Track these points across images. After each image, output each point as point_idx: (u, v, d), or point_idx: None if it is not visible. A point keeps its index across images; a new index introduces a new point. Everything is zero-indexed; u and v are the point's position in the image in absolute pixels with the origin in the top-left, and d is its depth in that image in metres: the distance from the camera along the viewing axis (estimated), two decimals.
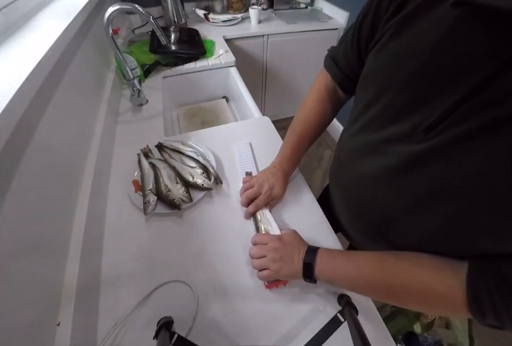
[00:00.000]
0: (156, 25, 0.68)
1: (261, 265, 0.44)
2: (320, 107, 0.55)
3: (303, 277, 0.41)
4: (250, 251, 0.47)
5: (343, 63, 0.47)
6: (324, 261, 0.41)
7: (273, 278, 0.44)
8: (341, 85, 0.51)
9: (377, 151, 0.37)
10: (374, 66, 0.37)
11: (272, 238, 0.46)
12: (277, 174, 0.57)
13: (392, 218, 0.39)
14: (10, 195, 0.34)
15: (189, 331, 0.41)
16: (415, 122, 0.31)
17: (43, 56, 0.41)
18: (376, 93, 0.36)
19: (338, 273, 0.40)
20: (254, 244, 0.48)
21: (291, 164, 0.58)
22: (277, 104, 1.92)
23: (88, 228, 0.47)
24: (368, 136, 0.39)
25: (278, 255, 0.43)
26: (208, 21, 1.45)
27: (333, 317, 0.37)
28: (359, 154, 0.42)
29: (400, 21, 0.31)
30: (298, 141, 0.57)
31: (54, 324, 0.37)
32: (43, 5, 0.63)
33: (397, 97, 0.33)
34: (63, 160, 0.49)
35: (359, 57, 0.43)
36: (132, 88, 0.81)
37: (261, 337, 0.41)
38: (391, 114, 0.34)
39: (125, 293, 0.45)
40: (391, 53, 0.33)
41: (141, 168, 0.62)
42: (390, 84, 0.34)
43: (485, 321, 0.29)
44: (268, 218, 0.52)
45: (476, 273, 0.30)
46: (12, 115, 0.32)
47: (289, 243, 0.45)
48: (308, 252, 0.42)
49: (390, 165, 0.35)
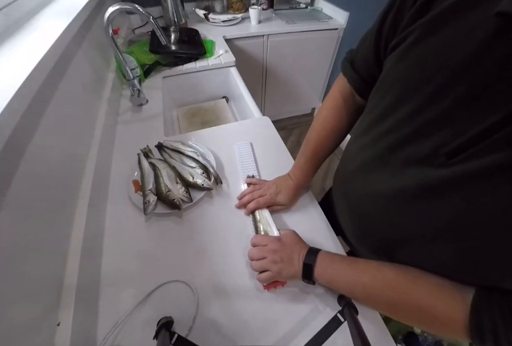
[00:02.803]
0: (155, 25, 0.68)
1: (261, 267, 0.43)
2: (335, 115, 0.52)
3: (302, 278, 0.42)
4: (250, 253, 0.46)
5: (360, 64, 0.43)
6: (324, 264, 0.40)
7: (274, 279, 0.43)
8: (357, 89, 0.46)
9: (393, 169, 0.34)
10: (394, 73, 0.33)
11: (271, 239, 0.46)
12: (288, 182, 0.56)
13: (398, 240, 0.38)
14: (10, 195, 0.34)
15: (189, 331, 0.41)
16: (437, 143, 0.28)
17: (43, 56, 0.41)
18: (394, 103, 0.33)
19: (337, 277, 0.40)
20: (253, 245, 0.48)
21: (304, 174, 0.57)
22: (277, 104, 1.92)
23: (88, 228, 0.47)
24: (382, 151, 0.36)
25: (278, 256, 0.43)
26: (208, 21, 1.45)
27: (333, 317, 0.37)
28: (371, 168, 0.39)
29: (428, 24, 0.28)
30: (312, 151, 0.55)
31: (54, 324, 0.37)
32: (43, 5, 0.63)
33: (418, 111, 0.29)
34: (63, 160, 0.49)
35: (377, 58, 0.38)
36: (132, 88, 0.81)
37: (260, 337, 0.41)
38: (410, 130, 0.31)
39: (125, 293, 0.45)
40: (415, 60, 0.29)
41: (141, 168, 0.62)
42: (411, 95, 0.30)
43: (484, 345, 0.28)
44: (267, 218, 0.52)
45: (483, 298, 0.29)
46: (12, 114, 0.32)
47: (289, 244, 0.45)
48: (309, 253, 0.42)
49: (406, 188, 0.32)
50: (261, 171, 0.65)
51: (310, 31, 1.50)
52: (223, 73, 1.09)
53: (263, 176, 0.64)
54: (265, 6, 1.64)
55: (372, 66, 0.40)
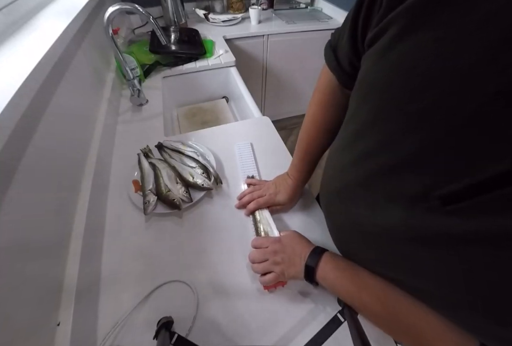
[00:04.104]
0: (155, 25, 0.68)
1: (263, 269, 0.43)
2: (323, 112, 0.48)
3: (305, 279, 0.41)
4: (251, 256, 0.45)
5: (342, 56, 0.37)
6: (327, 268, 0.39)
7: (278, 280, 0.43)
8: (341, 81, 0.41)
9: (374, 203, 0.29)
10: (372, 76, 0.26)
11: (271, 241, 0.46)
12: (287, 181, 0.55)
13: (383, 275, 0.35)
14: (10, 194, 0.34)
15: (189, 331, 0.41)
16: (428, 183, 0.21)
17: (43, 56, 0.41)
18: (372, 118, 0.26)
19: (338, 286, 0.38)
20: (254, 248, 0.47)
21: (300, 173, 0.55)
22: (277, 104, 1.92)
23: (88, 228, 0.47)
24: (362, 179, 0.30)
25: (279, 257, 0.42)
26: (208, 21, 1.45)
27: (333, 317, 0.37)
28: (352, 196, 0.33)
29: (412, 11, 0.19)
30: (305, 150, 0.54)
31: (54, 324, 0.37)
32: (43, 5, 0.64)
33: (403, 135, 0.22)
34: (63, 160, 0.49)
35: (355, 52, 0.33)
36: (132, 88, 0.81)
37: (261, 337, 0.41)
38: (393, 158, 0.24)
39: (125, 293, 0.45)
40: (399, 62, 0.21)
41: (141, 168, 0.62)
42: (391, 112, 0.23)
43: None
44: (268, 219, 0.52)
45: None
46: (12, 114, 0.32)
47: (289, 244, 0.44)
48: (312, 254, 0.40)
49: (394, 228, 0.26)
50: (261, 171, 0.65)
51: (310, 31, 1.50)
52: (223, 73, 1.09)
53: (263, 176, 0.64)
54: (265, 6, 1.64)
55: (352, 59, 0.34)
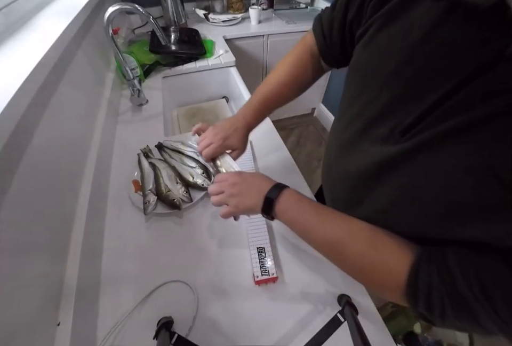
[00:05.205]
0: (155, 25, 0.68)
1: (219, 201, 0.42)
2: (301, 66, 0.52)
3: (261, 212, 0.39)
4: (209, 189, 0.44)
5: (327, 30, 0.44)
6: (289, 202, 0.38)
7: (233, 214, 0.42)
8: (322, 52, 0.47)
9: (362, 151, 0.37)
10: (360, 59, 0.36)
11: (231, 174, 0.44)
12: (237, 125, 0.52)
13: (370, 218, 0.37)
14: (10, 194, 0.34)
15: (189, 331, 0.41)
16: (394, 123, 0.30)
17: (43, 56, 0.41)
18: (359, 88, 0.36)
19: (299, 218, 0.38)
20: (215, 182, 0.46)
21: (255, 116, 0.53)
22: None
23: (88, 228, 0.47)
24: (352, 134, 0.39)
25: (235, 190, 0.41)
26: (208, 21, 1.45)
27: (333, 317, 0.37)
28: (345, 152, 0.42)
29: (388, 13, 0.29)
30: (271, 92, 0.52)
31: (54, 324, 0.37)
32: (43, 5, 0.64)
33: (377, 96, 0.32)
34: (63, 160, 0.49)
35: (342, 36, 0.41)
36: (132, 88, 0.81)
37: (261, 337, 0.41)
38: (372, 114, 0.34)
39: (125, 293, 0.45)
40: (375, 48, 0.32)
41: (141, 168, 0.62)
42: (371, 81, 0.33)
43: (416, 307, 0.29)
44: (229, 161, 0.49)
45: (424, 258, 0.29)
46: (12, 114, 0.32)
47: (249, 178, 0.43)
48: (273, 188, 0.39)
49: (369, 165, 0.35)
50: (260, 171, 0.65)
51: None
52: (223, 73, 1.09)
53: None
54: (265, 6, 1.64)
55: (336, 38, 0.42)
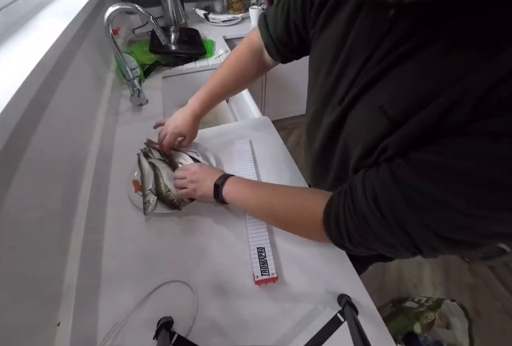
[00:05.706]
0: (155, 25, 0.68)
1: (181, 185, 0.53)
2: (241, 62, 0.60)
3: (214, 197, 0.49)
4: (175, 174, 0.57)
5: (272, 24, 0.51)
6: (231, 184, 0.48)
7: (190, 196, 0.53)
8: (266, 44, 0.54)
9: (318, 130, 0.45)
10: (312, 55, 0.45)
11: (196, 165, 0.56)
12: (185, 115, 0.62)
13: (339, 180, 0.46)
14: (10, 194, 0.34)
15: (189, 331, 0.41)
16: (334, 99, 0.39)
17: (43, 56, 0.41)
18: (314, 79, 0.45)
19: (239, 195, 0.47)
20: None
21: (203, 106, 0.63)
22: (277, 104, 1.92)
23: (88, 228, 0.47)
24: (313, 119, 0.47)
25: (195, 177, 0.52)
26: (208, 21, 1.45)
27: (333, 317, 0.37)
28: (311, 136, 0.50)
29: (324, 17, 0.38)
30: (219, 85, 0.61)
31: (54, 324, 0.37)
32: (43, 5, 0.64)
33: (324, 82, 0.41)
34: (63, 160, 0.49)
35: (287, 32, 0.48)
36: (132, 88, 0.81)
37: (261, 337, 0.41)
38: (323, 98, 0.42)
39: (125, 293, 0.45)
40: (321, 43, 0.41)
41: (141, 168, 0.62)
42: (320, 70, 0.41)
43: (331, 237, 0.34)
44: (182, 154, 0.62)
45: (336, 193, 0.35)
46: (12, 114, 0.32)
47: (207, 169, 0.54)
48: (221, 177, 0.50)
49: (323, 139, 0.44)
50: (260, 170, 0.65)
51: None
52: None
53: (262, 176, 0.64)
54: (265, 6, 1.64)
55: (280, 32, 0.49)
